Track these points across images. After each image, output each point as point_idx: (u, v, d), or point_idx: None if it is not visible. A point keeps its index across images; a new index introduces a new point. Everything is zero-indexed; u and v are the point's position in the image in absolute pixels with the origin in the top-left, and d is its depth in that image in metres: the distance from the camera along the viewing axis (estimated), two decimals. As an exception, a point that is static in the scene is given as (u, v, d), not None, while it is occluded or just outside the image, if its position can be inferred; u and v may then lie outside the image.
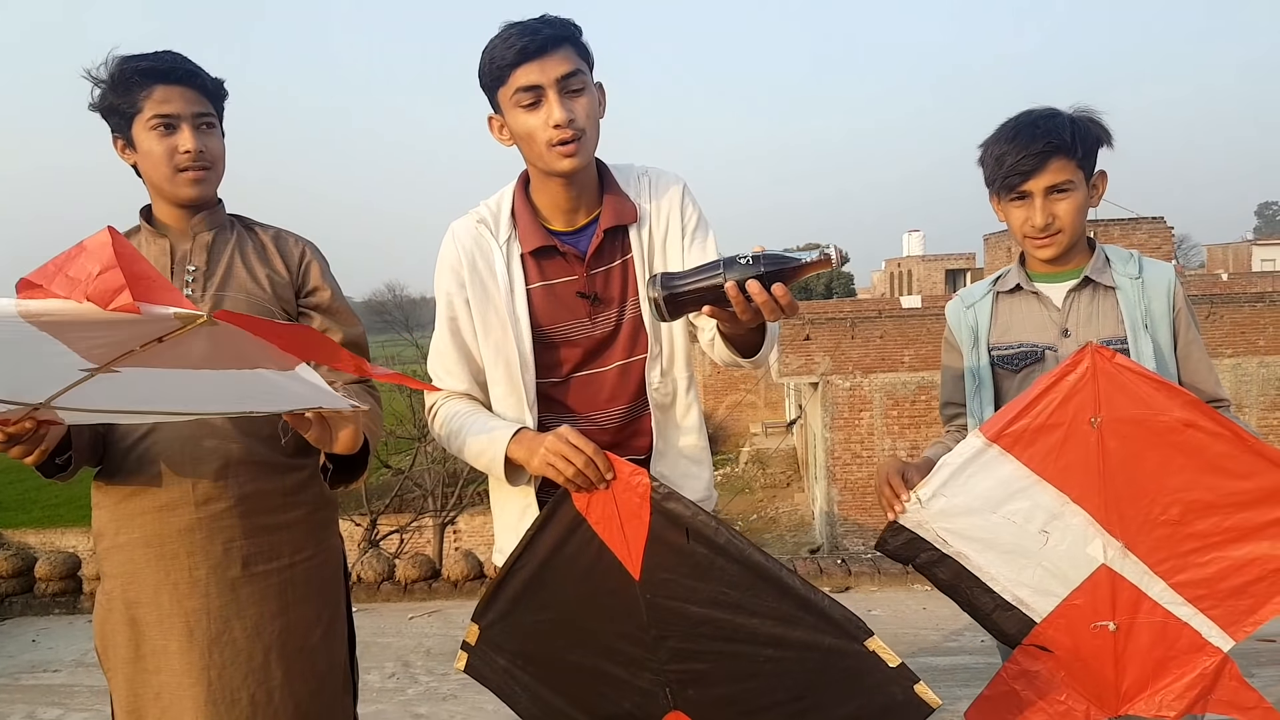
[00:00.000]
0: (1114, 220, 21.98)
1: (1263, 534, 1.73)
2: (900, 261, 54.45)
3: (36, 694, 4.19)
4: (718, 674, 1.84)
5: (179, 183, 1.99)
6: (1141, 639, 1.84)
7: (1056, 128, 1.95)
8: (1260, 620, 1.78)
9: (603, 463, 1.77)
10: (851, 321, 21.55)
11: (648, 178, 2.02)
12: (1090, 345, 1.78)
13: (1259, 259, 53.37)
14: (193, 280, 2.03)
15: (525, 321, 1.94)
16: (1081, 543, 1.83)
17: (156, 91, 1.94)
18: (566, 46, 1.83)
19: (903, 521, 1.89)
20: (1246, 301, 20.79)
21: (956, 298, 2.25)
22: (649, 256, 1.98)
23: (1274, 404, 20.36)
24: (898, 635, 4.66)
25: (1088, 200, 1.99)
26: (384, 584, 5.59)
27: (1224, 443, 1.71)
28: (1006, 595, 1.88)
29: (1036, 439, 1.81)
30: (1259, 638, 4.45)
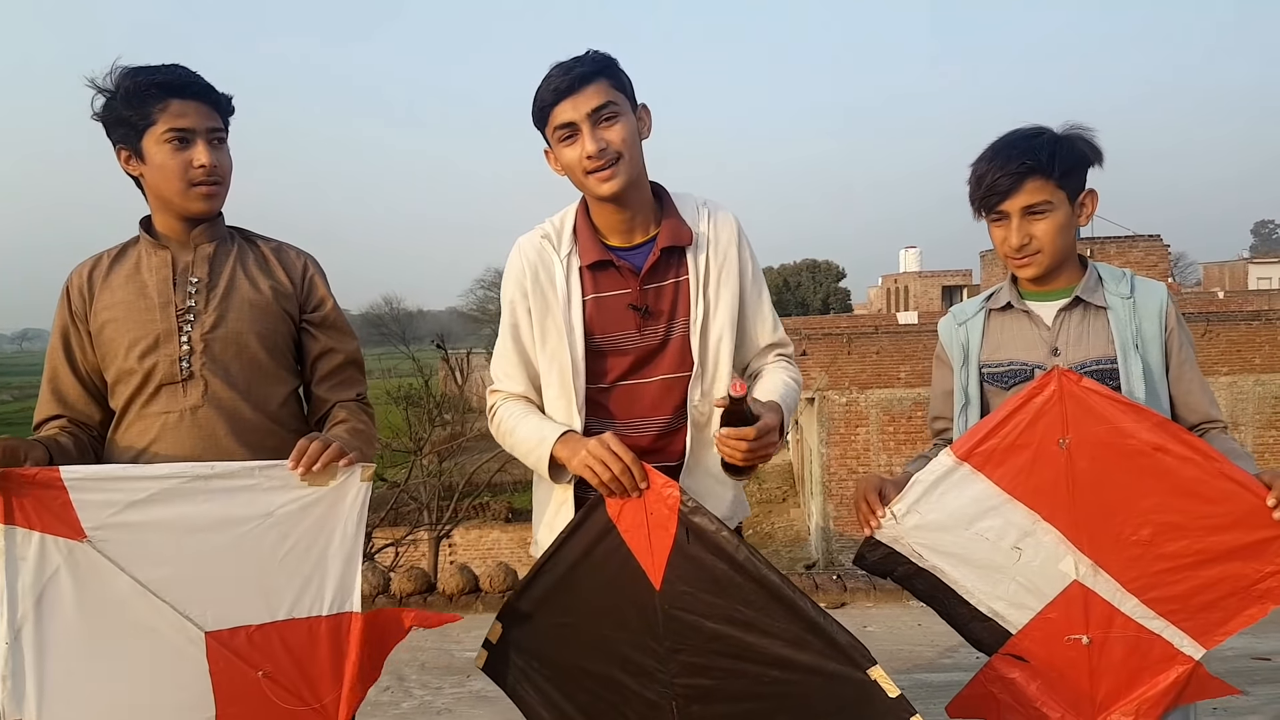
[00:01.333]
0: (1110, 238, 22.06)
1: (1234, 556, 1.73)
2: (897, 277, 54.49)
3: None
4: (723, 692, 1.89)
5: (192, 196, 2.01)
6: (1115, 652, 1.85)
7: (1034, 148, 1.96)
8: (1232, 631, 1.79)
9: (638, 471, 1.87)
10: (848, 337, 21.57)
11: (708, 208, 2.16)
12: (1057, 368, 1.81)
13: (1255, 277, 53.45)
14: (195, 292, 2.05)
15: (579, 330, 2.07)
16: (1053, 560, 1.86)
17: (172, 105, 1.96)
18: (599, 80, 1.98)
19: (879, 536, 1.94)
20: (1242, 319, 20.82)
21: (949, 314, 2.26)
22: (703, 281, 2.10)
23: (1270, 421, 20.38)
24: (893, 652, 4.66)
25: (1072, 219, 1.99)
26: (379, 597, 5.58)
27: (1193, 467, 1.72)
28: (982, 608, 1.92)
29: (1006, 458, 1.84)
30: (1254, 655, 4.46)
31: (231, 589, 1.87)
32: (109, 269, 2.07)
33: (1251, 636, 4.72)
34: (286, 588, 1.89)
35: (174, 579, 1.83)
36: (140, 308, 2.03)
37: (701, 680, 1.90)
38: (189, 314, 2.04)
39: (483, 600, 5.53)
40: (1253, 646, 4.57)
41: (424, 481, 17.81)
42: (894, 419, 20.10)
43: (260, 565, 1.88)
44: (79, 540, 1.77)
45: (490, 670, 2.17)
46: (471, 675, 4.48)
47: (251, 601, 1.88)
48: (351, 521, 1.92)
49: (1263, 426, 20.38)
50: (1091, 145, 2.01)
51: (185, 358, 2.02)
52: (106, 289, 2.05)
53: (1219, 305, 28.75)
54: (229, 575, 1.86)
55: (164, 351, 2.01)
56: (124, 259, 2.09)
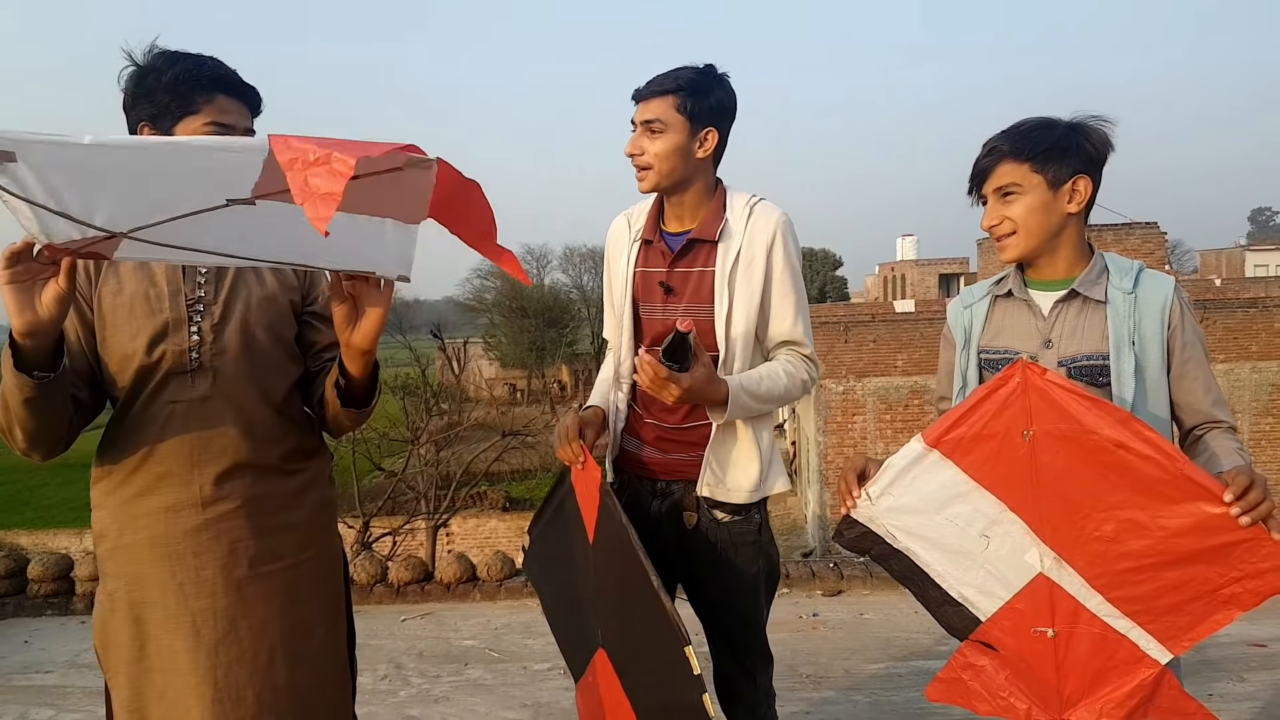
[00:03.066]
0: (1107, 225, 22.06)
1: (1197, 558, 1.70)
2: (894, 266, 54.55)
3: (29, 695, 4.19)
4: (620, 631, 2.29)
5: None
6: (1081, 648, 1.85)
7: (1010, 135, 2.00)
8: (1198, 637, 1.76)
9: (576, 450, 2.31)
10: (845, 326, 21.60)
11: (751, 207, 2.36)
12: (1021, 360, 1.81)
13: (1252, 265, 53.53)
14: (205, 282, 2.04)
15: (629, 295, 2.44)
16: (1020, 550, 1.86)
17: (218, 99, 1.97)
18: (666, 98, 2.27)
19: (855, 516, 1.99)
20: (1239, 307, 20.88)
21: (959, 296, 2.28)
22: (730, 274, 2.30)
23: (1266, 409, 20.43)
24: (889, 639, 4.68)
25: (1051, 204, 1.97)
26: (377, 586, 5.59)
27: (1154, 466, 1.69)
28: (953, 592, 1.95)
29: (974, 447, 1.85)
30: (1250, 642, 4.48)
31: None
32: None
33: (1248, 623, 4.74)
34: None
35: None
36: (149, 295, 2.01)
37: (610, 619, 2.33)
38: (198, 304, 2.03)
39: (480, 589, 5.54)
40: (1249, 633, 4.59)
41: (421, 471, 17.85)
42: (891, 407, 20.12)
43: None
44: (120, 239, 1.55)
45: (525, 568, 2.77)
46: (469, 664, 4.51)
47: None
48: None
49: (1259, 414, 20.43)
50: (1087, 133, 1.98)
51: (195, 348, 2.01)
52: (113, 273, 2.02)
53: (1216, 293, 28.80)
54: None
55: (173, 340, 2.00)
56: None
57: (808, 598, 5.43)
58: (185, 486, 1.97)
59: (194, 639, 1.96)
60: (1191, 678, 4.02)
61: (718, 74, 2.32)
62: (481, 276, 49.93)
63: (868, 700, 3.98)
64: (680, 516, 2.39)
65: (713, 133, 2.33)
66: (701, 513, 2.38)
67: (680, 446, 2.39)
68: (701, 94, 2.28)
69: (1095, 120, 2.00)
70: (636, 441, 2.47)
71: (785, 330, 2.35)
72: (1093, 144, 1.97)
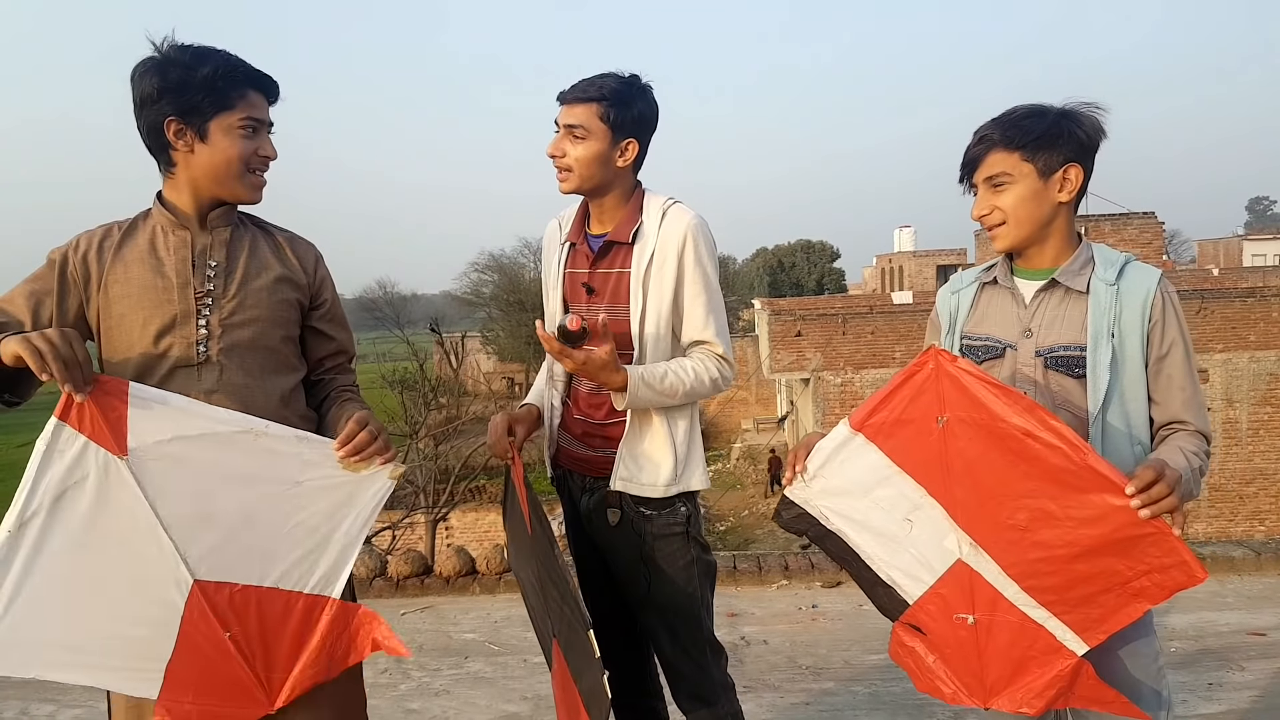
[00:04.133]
0: (1105, 215, 22.07)
1: (1106, 551, 1.70)
2: (891, 257, 54.49)
3: (29, 690, 4.19)
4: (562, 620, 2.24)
5: (248, 184, 2.07)
6: (1001, 636, 1.86)
7: (1001, 122, 1.98)
8: (1112, 629, 1.77)
9: (503, 446, 2.40)
10: (843, 318, 21.60)
11: (665, 210, 2.41)
12: (933, 347, 1.83)
13: (1250, 254, 53.45)
14: (214, 276, 2.05)
15: (559, 295, 2.52)
16: (940, 535, 1.89)
17: (250, 95, 2.03)
18: (590, 105, 2.31)
19: (791, 497, 2.02)
20: (1237, 297, 20.87)
21: (949, 282, 2.28)
22: (644, 275, 2.36)
23: (1265, 399, 20.47)
24: (889, 630, 4.66)
25: (1042, 193, 1.96)
26: (376, 580, 5.58)
27: (1061, 456, 1.69)
28: (883, 574, 1.99)
29: (895, 431, 1.88)
30: (1249, 631, 4.48)
31: (234, 544, 1.91)
32: (120, 241, 2.04)
33: (1246, 612, 4.76)
34: (283, 557, 1.94)
35: (187, 520, 1.87)
36: (157, 286, 2.01)
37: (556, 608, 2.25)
38: (207, 297, 2.03)
39: (479, 582, 5.54)
40: (1248, 622, 4.60)
41: (420, 465, 17.87)
42: (889, 399, 20.13)
43: (269, 529, 1.93)
44: (119, 456, 1.80)
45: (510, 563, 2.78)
46: (469, 657, 4.51)
47: (247, 561, 1.92)
48: (365, 512, 2.00)
49: (1257, 403, 20.47)
50: (1079, 120, 1.97)
51: (203, 341, 2.01)
52: (119, 262, 2.02)
53: (1213, 282, 28.75)
54: (237, 531, 1.91)
55: (180, 333, 2.00)
56: (135, 233, 2.06)
57: (807, 589, 5.44)
58: None
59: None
60: (1190, 667, 4.04)
61: (641, 85, 2.38)
62: (479, 270, 49.93)
63: (867, 691, 3.98)
64: (605, 513, 2.43)
65: (633, 143, 2.39)
66: (625, 507, 2.41)
67: (604, 441, 2.44)
68: (624, 105, 2.33)
69: (1087, 106, 1.99)
70: (568, 437, 2.54)
71: (697, 330, 2.39)
72: (1085, 131, 1.96)
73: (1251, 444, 20.65)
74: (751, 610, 5.11)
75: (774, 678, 4.15)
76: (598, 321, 2.17)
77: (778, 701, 3.89)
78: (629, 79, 2.36)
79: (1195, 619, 4.66)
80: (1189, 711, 3.64)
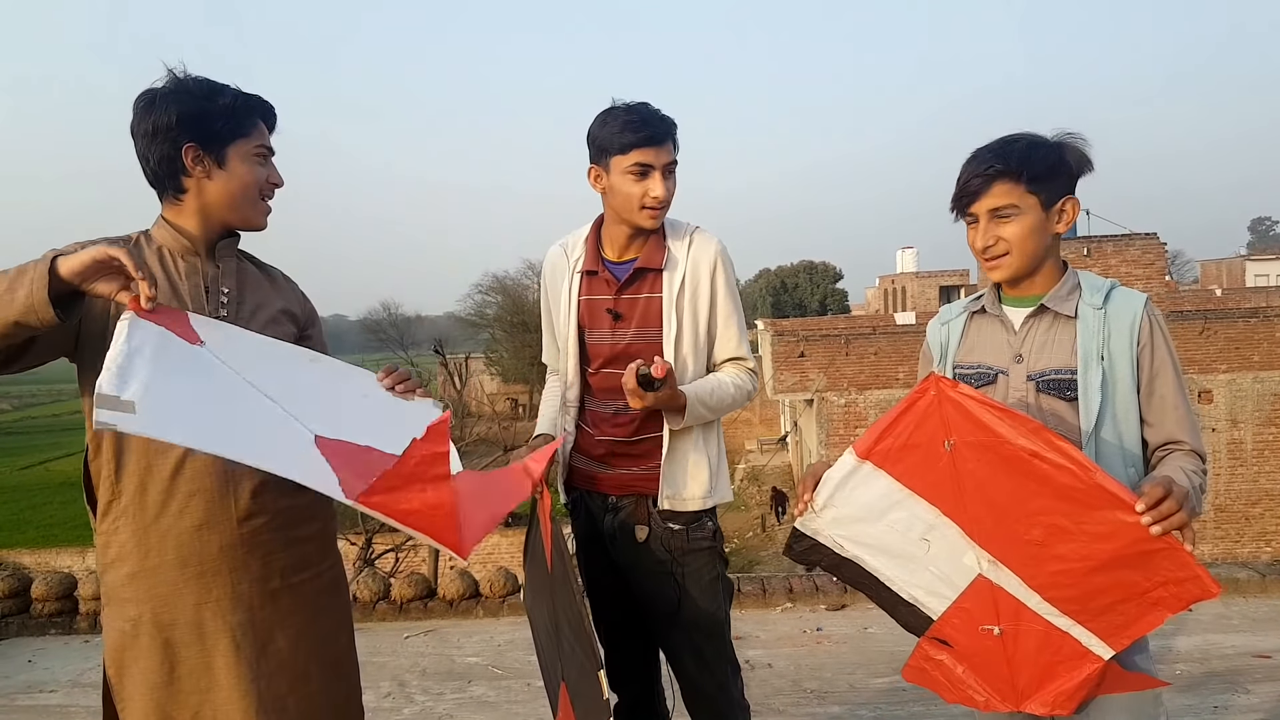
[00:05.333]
0: (1107, 237, 22.11)
1: (1122, 563, 1.72)
2: (894, 278, 54.57)
3: (33, 714, 4.18)
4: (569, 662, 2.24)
5: (259, 210, 2.13)
6: (1028, 643, 1.88)
7: (1006, 153, 1.98)
8: (1136, 634, 1.79)
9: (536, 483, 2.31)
10: (846, 338, 21.61)
11: (691, 235, 2.51)
12: (933, 374, 1.85)
13: (1253, 274, 53.54)
14: (227, 303, 2.07)
15: (574, 323, 2.53)
16: (958, 553, 1.90)
17: (260, 125, 2.11)
18: (671, 140, 2.39)
19: (801, 529, 2.02)
20: (1240, 317, 20.87)
21: (938, 314, 2.30)
22: (677, 299, 2.44)
23: (1269, 419, 20.42)
24: (894, 653, 4.67)
25: (1044, 224, 1.98)
26: (379, 603, 5.59)
27: (1069, 475, 1.71)
28: (903, 594, 1.99)
29: (903, 456, 1.89)
30: (1254, 653, 4.47)
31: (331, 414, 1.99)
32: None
33: (1252, 634, 4.74)
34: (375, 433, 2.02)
35: (282, 392, 1.94)
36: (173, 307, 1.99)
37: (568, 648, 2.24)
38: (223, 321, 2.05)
39: (483, 605, 5.53)
40: (1253, 644, 4.58)
41: (424, 487, 17.80)
42: (893, 420, 20.12)
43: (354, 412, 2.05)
44: (196, 344, 1.87)
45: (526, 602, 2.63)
46: (472, 680, 4.50)
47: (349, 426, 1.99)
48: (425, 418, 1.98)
49: (1262, 424, 20.42)
50: (1077, 153, 2.00)
51: None
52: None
53: (1217, 303, 28.80)
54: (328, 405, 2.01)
55: None
56: (142, 253, 2.05)
57: (812, 612, 5.43)
58: (220, 503, 1.98)
59: (234, 654, 1.97)
60: (1196, 689, 4.03)
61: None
62: (483, 292, 50.02)
63: (872, 714, 3.97)
64: (633, 530, 2.47)
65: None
66: (653, 524, 2.46)
67: (630, 460, 2.49)
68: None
69: (1073, 139, 2.01)
70: (586, 459, 2.57)
71: (731, 349, 2.54)
72: (1076, 164, 1.99)
73: (1257, 464, 20.59)
74: (756, 633, 5.09)
75: (779, 701, 4.14)
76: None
77: (782, 725, 3.88)
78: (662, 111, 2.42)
79: (1200, 641, 4.65)
80: (1195, 735, 3.63)
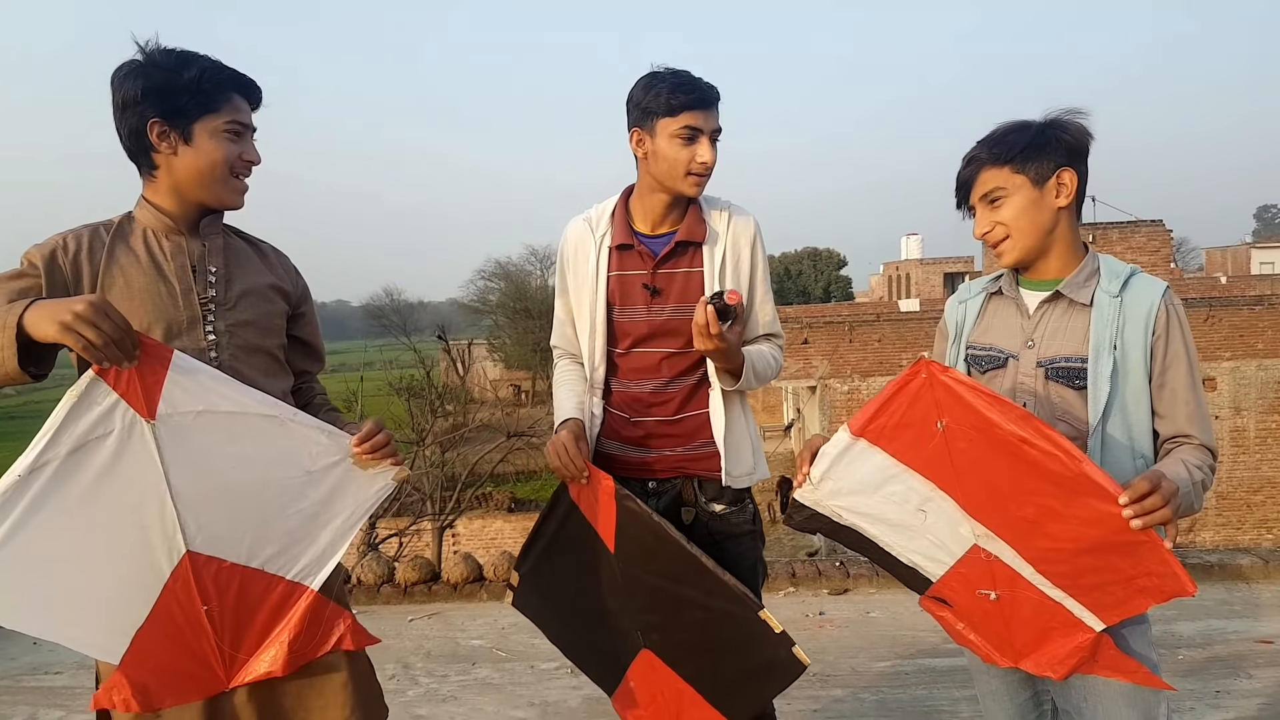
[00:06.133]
0: (1113, 224, 22.03)
1: (1108, 549, 1.73)
2: (898, 265, 54.52)
3: (39, 696, 4.22)
4: (669, 625, 2.37)
5: (232, 187, 2.06)
6: (1024, 609, 1.92)
7: (985, 142, 2.02)
8: (1128, 614, 1.81)
9: (579, 465, 2.31)
10: (849, 325, 21.58)
11: (729, 211, 2.47)
12: (923, 358, 1.86)
13: (1258, 262, 53.32)
14: (215, 282, 2.05)
15: (603, 300, 2.44)
16: (954, 523, 1.93)
17: (235, 99, 2.03)
18: (717, 106, 2.33)
19: (800, 499, 2.06)
20: (1245, 304, 20.81)
21: (957, 292, 2.31)
22: (718, 275, 2.39)
23: (1273, 407, 20.39)
24: (896, 637, 4.69)
25: (1039, 201, 1.98)
26: (384, 586, 5.60)
27: (1057, 463, 1.72)
28: (903, 559, 2.04)
29: (897, 434, 1.91)
30: (1257, 639, 4.48)
31: (233, 522, 1.93)
32: (111, 244, 2.01)
33: (1254, 620, 4.75)
34: (275, 540, 1.97)
35: (194, 492, 1.87)
36: (160, 292, 1.99)
37: (652, 617, 2.38)
38: (210, 304, 2.04)
39: (487, 589, 5.54)
40: (1256, 629, 4.60)
41: (426, 472, 17.84)
42: (896, 406, 20.09)
43: (270, 512, 1.95)
44: (146, 420, 1.81)
45: (517, 603, 2.63)
46: (477, 663, 4.52)
47: (241, 540, 1.94)
48: (362, 509, 2.03)
49: (1265, 411, 20.39)
50: (1072, 126, 1.99)
51: (213, 347, 2.02)
52: (114, 265, 1.99)
53: (1221, 290, 28.74)
54: (240, 510, 1.93)
55: (188, 340, 1.99)
56: (125, 236, 2.04)
57: (814, 596, 5.44)
58: None
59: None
60: (1198, 675, 4.04)
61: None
62: (485, 278, 50.03)
63: (875, 698, 3.99)
64: (678, 514, 2.44)
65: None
66: (699, 508, 2.44)
67: (672, 441, 2.44)
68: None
69: (1068, 113, 2.01)
70: (618, 444, 2.50)
71: (768, 323, 2.53)
72: (1071, 135, 1.98)
73: (1259, 452, 20.58)
74: (758, 617, 5.09)
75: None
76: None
77: (785, 709, 3.88)
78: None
79: (1203, 627, 4.66)
80: (1196, 719, 3.66)
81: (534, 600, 2.61)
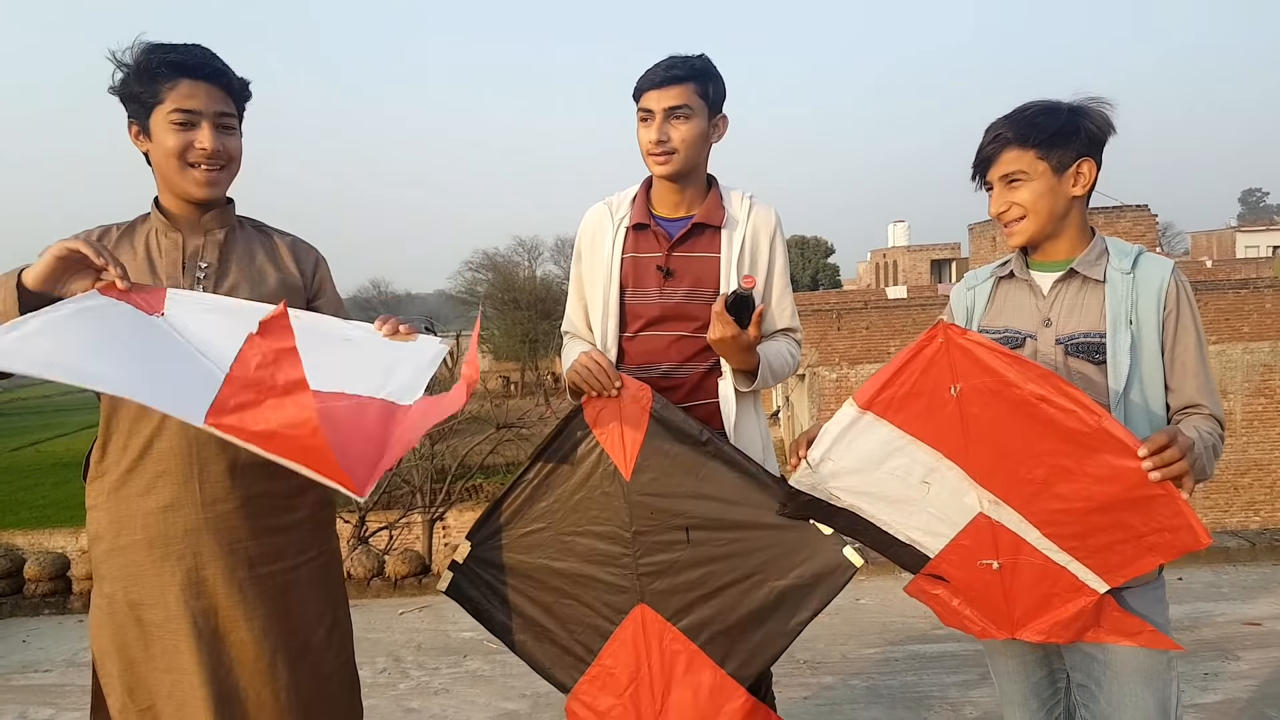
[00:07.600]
0: (1099, 208, 22.07)
1: (1121, 506, 1.76)
2: (886, 252, 54.57)
3: (28, 694, 4.18)
4: (685, 562, 2.29)
5: (189, 179, 1.98)
6: (1025, 576, 1.94)
7: (1014, 121, 2.01)
8: (1131, 574, 1.84)
9: (611, 374, 2.28)
10: (837, 313, 21.59)
11: (750, 200, 2.49)
12: (941, 322, 1.88)
13: (1243, 245, 53.59)
14: (204, 277, 2.03)
15: (616, 282, 2.44)
16: (959, 493, 1.95)
17: (182, 85, 1.93)
18: (687, 84, 2.31)
19: (796, 484, 2.08)
20: (1231, 288, 20.89)
21: (963, 280, 2.32)
22: (735, 262, 2.40)
23: (1259, 390, 20.49)
24: (886, 624, 4.70)
25: (1057, 188, 2.00)
26: (374, 580, 5.59)
27: (1075, 419, 1.74)
28: (900, 536, 2.06)
29: (905, 405, 1.93)
30: (1244, 620, 4.50)
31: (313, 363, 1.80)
32: (118, 242, 2.02)
33: (1241, 602, 4.77)
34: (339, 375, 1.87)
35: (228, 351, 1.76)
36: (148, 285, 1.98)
37: (664, 556, 2.29)
38: None
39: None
40: (1243, 612, 4.62)
41: (416, 464, 17.81)
42: (885, 393, 20.13)
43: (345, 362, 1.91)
44: (154, 315, 1.81)
45: (453, 592, 2.43)
46: (468, 655, 4.52)
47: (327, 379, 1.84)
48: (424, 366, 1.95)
49: (1251, 394, 20.49)
50: (1098, 117, 2.00)
51: None
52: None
53: (1207, 274, 28.87)
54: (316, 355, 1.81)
55: None
56: (133, 235, 2.04)
57: (804, 584, 5.43)
58: (184, 485, 1.95)
59: (196, 639, 1.95)
60: (1187, 657, 4.05)
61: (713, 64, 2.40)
62: (473, 269, 49.90)
63: (864, 684, 4.00)
64: None
65: (724, 120, 2.44)
66: None
67: None
68: (715, 81, 2.38)
69: (1095, 102, 2.02)
70: None
71: (786, 319, 2.53)
72: (1096, 126, 1.99)
73: (1246, 435, 20.68)
74: (749, 606, 5.10)
75: (772, 670, 4.15)
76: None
77: (775, 695, 3.89)
78: (704, 57, 2.38)
79: (1191, 609, 4.69)
80: (1186, 701, 3.65)
81: (484, 577, 2.41)
